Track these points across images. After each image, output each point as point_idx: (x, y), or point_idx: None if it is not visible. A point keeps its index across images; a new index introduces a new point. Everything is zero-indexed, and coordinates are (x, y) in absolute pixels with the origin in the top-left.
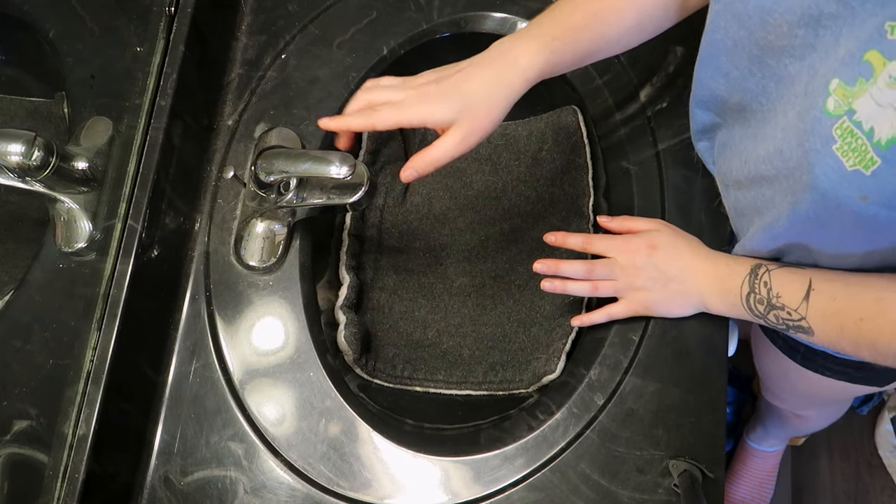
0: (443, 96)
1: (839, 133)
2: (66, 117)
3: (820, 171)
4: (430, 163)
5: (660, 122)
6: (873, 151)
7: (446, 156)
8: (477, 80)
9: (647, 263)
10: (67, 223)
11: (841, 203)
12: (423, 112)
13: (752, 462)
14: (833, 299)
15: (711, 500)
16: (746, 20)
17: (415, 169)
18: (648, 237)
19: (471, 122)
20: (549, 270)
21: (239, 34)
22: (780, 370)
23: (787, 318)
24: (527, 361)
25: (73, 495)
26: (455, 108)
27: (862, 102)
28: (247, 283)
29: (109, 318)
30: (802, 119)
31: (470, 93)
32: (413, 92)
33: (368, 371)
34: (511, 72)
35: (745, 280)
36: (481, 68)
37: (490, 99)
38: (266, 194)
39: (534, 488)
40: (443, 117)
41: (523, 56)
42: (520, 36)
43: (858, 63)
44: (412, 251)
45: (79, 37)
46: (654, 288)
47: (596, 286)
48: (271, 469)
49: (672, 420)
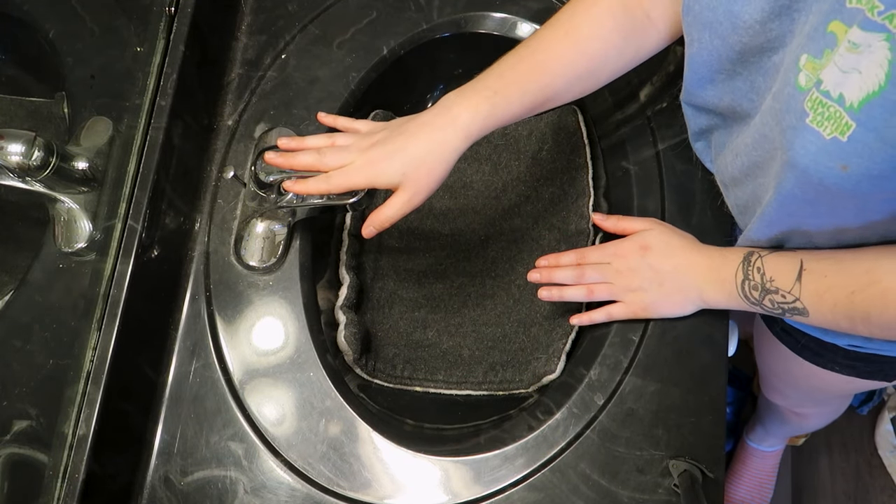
0: (387, 161)
1: (810, 106)
2: (66, 117)
3: (799, 145)
4: (384, 220)
5: (660, 122)
6: (847, 116)
7: (398, 214)
8: (419, 141)
9: (641, 264)
10: (67, 223)
11: (823, 176)
12: (370, 177)
13: (752, 462)
14: (824, 276)
15: (711, 500)
16: (717, 27)
17: (373, 226)
18: (640, 238)
19: (414, 183)
20: (543, 279)
21: (239, 34)
22: (785, 367)
23: (781, 302)
24: (527, 361)
25: (73, 495)
26: (398, 171)
27: (828, 72)
28: (247, 283)
29: (109, 318)
30: (777, 99)
31: (412, 156)
32: (361, 157)
33: (368, 371)
34: (451, 130)
35: (738, 268)
36: (424, 128)
37: (431, 159)
38: (266, 194)
39: (534, 488)
40: (388, 180)
41: (464, 113)
42: (463, 91)
43: (823, 35)
44: (412, 251)
45: (79, 37)
46: (650, 288)
47: (591, 290)
48: (271, 469)
49: (672, 420)
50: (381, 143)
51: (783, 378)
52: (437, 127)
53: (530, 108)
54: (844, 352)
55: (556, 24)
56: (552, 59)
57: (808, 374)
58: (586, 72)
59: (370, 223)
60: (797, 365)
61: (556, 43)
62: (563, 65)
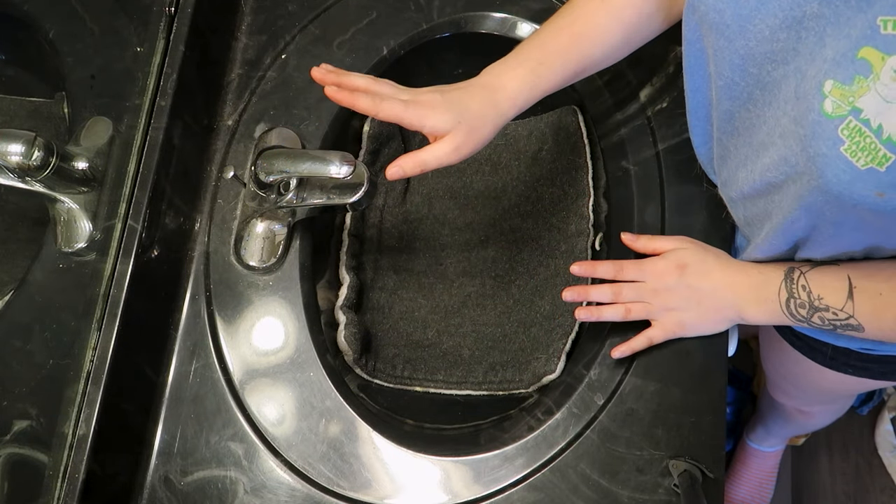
0: (444, 106)
1: (846, 133)
2: (66, 117)
3: (831, 174)
4: (418, 164)
5: (660, 122)
6: (885, 148)
7: (437, 161)
8: (474, 99)
9: (679, 283)
10: (67, 223)
11: (857, 202)
12: (425, 115)
13: (752, 462)
14: (879, 294)
15: (711, 500)
16: (724, 29)
17: (401, 167)
18: (675, 257)
19: (466, 134)
20: (578, 298)
21: (239, 34)
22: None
23: (833, 319)
24: (527, 361)
25: (73, 495)
26: (454, 118)
27: (867, 100)
28: (247, 283)
29: (109, 318)
30: (800, 124)
31: (468, 108)
32: (418, 96)
33: (368, 371)
34: (502, 96)
35: (781, 286)
36: (478, 89)
37: (485, 118)
38: (266, 194)
39: (534, 488)
40: (442, 125)
41: (511, 82)
42: (507, 61)
43: (853, 61)
44: (412, 251)
45: (79, 37)
46: (688, 307)
47: (629, 309)
48: (271, 469)
49: (672, 420)
50: (438, 91)
51: (791, 380)
52: (491, 91)
53: (571, 76)
54: (858, 354)
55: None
56: (590, 28)
57: (818, 377)
58: (622, 40)
59: (399, 164)
60: (807, 367)
61: (593, 12)
62: (600, 34)
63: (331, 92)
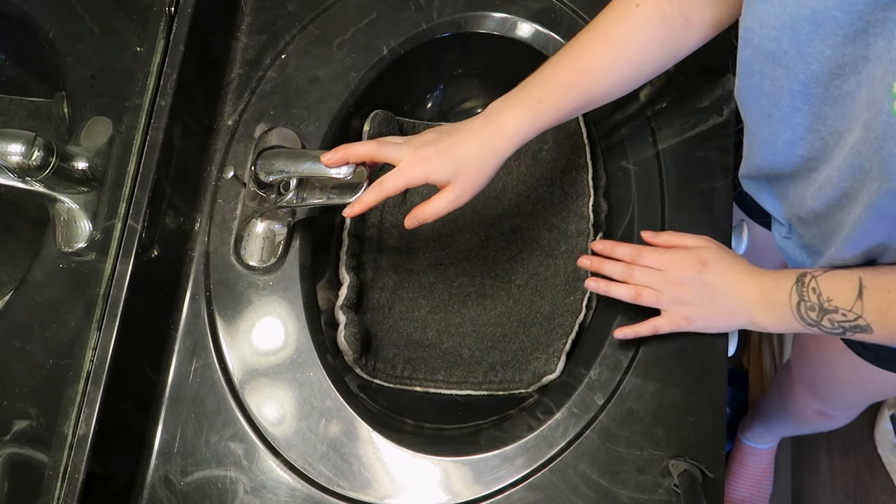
0: (439, 158)
1: None
2: (66, 117)
3: None
4: (430, 214)
5: (660, 122)
6: None
7: (444, 210)
8: (470, 144)
9: (695, 279)
10: (67, 223)
11: None
12: (424, 172)
13: (749, 460)
14: (888, 291)
15: (711, 500)
16: (782, 57)
17: (416, 219)
18: (698, 253)
19: (464, 182)
20: (592, 267)
21: (239, 34)
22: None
23: (842, 321)
24: (527, 361)
25: (73, 495)
26: (451, 169)
27: None
28: (247, 283)
29: (109, 318)
30: (870, 128)
31: (463, 156)
32: (414, 154)
33: (368, 371)
34: (499, 137)
35: (792, 290)
36: (474, 133)
37: (483, 164)
38: (266, 194)
39: (534, 488)
40: (441, 177)
41: (510, 121)
42: (509, 99)
43: None
44: (412, 251)
45: (79, 37)
46: (701, 304)
47: (639, 292)
48: (271, 469)
49: (672, 420)
50: (433, 142)
51: (831, 380)
52: (486, 133)
53: (571, 112)
54: None
55: (595, 30)
56: (592, 66)
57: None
58: (624, 78)
59: (414, 216)
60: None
61: (596, 50)
62: (602, 71)
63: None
